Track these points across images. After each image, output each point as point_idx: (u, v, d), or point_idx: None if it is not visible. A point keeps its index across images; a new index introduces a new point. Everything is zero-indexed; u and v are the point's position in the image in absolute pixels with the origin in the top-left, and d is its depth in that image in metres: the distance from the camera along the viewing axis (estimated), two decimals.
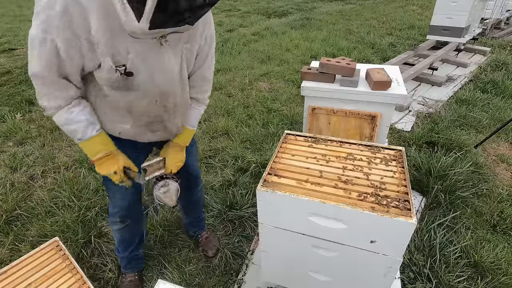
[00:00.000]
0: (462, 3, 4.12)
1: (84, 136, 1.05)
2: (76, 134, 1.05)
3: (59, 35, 0.85)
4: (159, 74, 1.01)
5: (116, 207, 1.41)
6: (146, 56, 0.95)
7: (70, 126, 1.03)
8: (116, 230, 1.51)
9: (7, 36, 7.26)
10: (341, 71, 1.56)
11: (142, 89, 1.02)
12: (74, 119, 1.02)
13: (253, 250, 1.88)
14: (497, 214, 2.04)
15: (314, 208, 1.05)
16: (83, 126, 1.04)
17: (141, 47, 0.93)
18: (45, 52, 0.87)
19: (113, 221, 1.47)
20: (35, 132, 3.20)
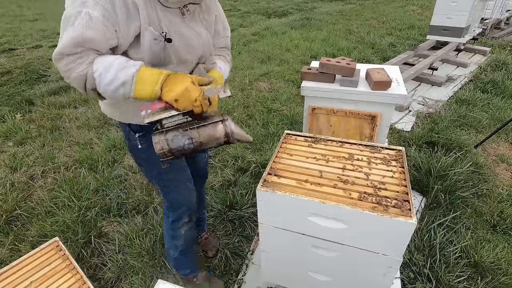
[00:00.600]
0: (462, 3, 4.12)
1: (129, 71, 0.88)
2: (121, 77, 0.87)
3: (96, 4, 0.83)
4: (193, 40, 1.03)
5: (183, 205, 1.35)
6: (175, 24, 0.98)
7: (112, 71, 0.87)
8: (182, 235, 1.44)
9: (7, 36, 7.27)
10: (341, 71, 1.56)
11: (176, 58, 1.02)
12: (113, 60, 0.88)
13: (253, 250, 1.88)
14: (497, 214, 2.04)
15: (314, 208, 1.05)
16: (125, 65, 0.89)
17: (170, 16, 0.96)
18: (79, 25, 0.83)
19: (180, 224, 1.41)
20: (35, 132, 3.20)
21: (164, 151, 0.95)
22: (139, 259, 1.80)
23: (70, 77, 0.88)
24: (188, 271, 1.59)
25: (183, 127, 0.97)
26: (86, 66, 0.86)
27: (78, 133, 3.13)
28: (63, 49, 0.85)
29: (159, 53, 0.97)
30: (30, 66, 5.03)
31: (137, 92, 0.89)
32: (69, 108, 3.69)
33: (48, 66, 5.04)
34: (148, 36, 0.92)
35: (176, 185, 1.30)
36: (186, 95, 0.89)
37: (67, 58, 0.86)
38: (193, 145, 0.97)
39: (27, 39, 6.90)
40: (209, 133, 0.97)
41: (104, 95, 0.91)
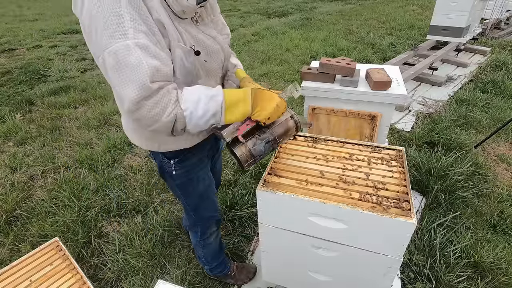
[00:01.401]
0: (462, 3, 4.12)
1: (219, 99, 0.85)
2: (212, 107, 0.84)
3: (137, 31, 0.74)
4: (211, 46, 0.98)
5: (210, 218, 1.40)
6: (194, 34, 0.92)
7: (201, 105, 0.83)
8: (212, 242, 1.50)
9: (7, 36, 7.27)
10: (341, 71, 1.56)
11: (203, 70, 0.97)
12: (198, 93, 0.84)
13: (253, 250, 1.88)
14: (497, 214, 2.04)
15: (314, 208, 1.05)
16: (211, 94, 0.86)
17: (188, 27, 0.90)
18: (137, 58, 0.73)
19: (209, 234, 1.46)
20: (35, 132, 3.20)
21: (250, 161, 0.99)
22: (139, 259, 1.80)
23: (157, 123, 0.81)
24: (221, 269, 1.65)
25: (259, 133, 1.00)
26: (174, 107, 0.80)
27: (78, 133, 3.13)
28: (138, 94, 0.74)
29: (192, 69, 0.91)
30: (30, 66, 5.03)
31: (228, 118, 0.87)
32: (69, 108, 3.69)
33: (48, 66, 5.04)
34: (179, 53, 0.85)
35: (204, 203, 1.33)
36: (277, 112, 0.92)
37: (147, 103, 0.77)
38: (272, 146, 1.01)
39: (27, 39, 6.90)
40: (283, 130, 1.02)
41: (191, 130, 0.87)
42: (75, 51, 6.10)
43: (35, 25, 8.34)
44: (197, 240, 1.49)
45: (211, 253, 1.56)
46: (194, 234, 1.48)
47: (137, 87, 0.74)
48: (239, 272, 1.68)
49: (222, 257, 1.63)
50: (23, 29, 7.88)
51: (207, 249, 1.52)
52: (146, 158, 2.72)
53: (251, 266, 1.74)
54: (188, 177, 1.19)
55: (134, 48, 0.73)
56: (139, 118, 0.80)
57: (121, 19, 0.72)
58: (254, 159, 0.99)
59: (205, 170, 1.25)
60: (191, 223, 1.43)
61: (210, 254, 1.56)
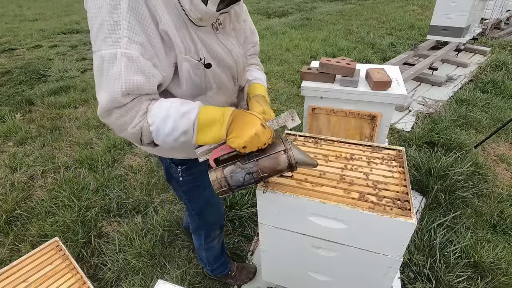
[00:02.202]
0: (462, 3, 4.12)
1: (191, 117, 0.78)
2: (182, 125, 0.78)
3: (131, 41, 0.71)
4: (225, 59, 0.92)
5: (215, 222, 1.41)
6: (209, 43, 0.86)
7: (170, 121, 0.77)
8: (216, 245, 1.52)
9: (7, 36, 7.27)
10: (341, 71, 1.56)
11: (216, 81, 0.92)
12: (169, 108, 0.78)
13: (253, 250, 1.88)
14: (497, 214, 2.04)
15: (314, 208, 1.05)
16: (183, 111, 0.78)
17: (204, 35, 0.84)
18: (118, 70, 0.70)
19: (213, 237, 1.47)
20: (35, 132, 3.20)
21: (224, 189, 0.89)
22: (139, 259, 1.80)
23: (124, 132, 0.79)
24: (222, 269, 1.65)
25: (242, 160, 0.87)
26: (140, 119, 0.76)
27: (78, 133, 3.13)
28: (109, 104, 0.73)
29: (200, 82, 0.87)
30: (30, 66, 5.03)
31: (200, 139, 0.80)
32: (69, 108, 3.69)
33: (48, 66, 5.04)
34: (186, 66, 0.81)
35: (210, 209, 1.34)
36: (255, 142, 0.79)
37: (117, 111, 0.75)
38: (253, 180, 0.88)
39: (27, 39, 6.90)
40: (271, 165, 0.88)
41: (162, 145, 0.83)
42: (75, 51, 6.10)
43: (35, 25, 8.35)
44: (200, 244, 1.49)
45: (213, 255, 1.56)
46: (198, 238, 1.48)
47: (108, 97, 0.73)
48: (239, 272, 1.69)
49: (224, 258, 1.63)
50: (23, 29, 7.88)
51: (210, 252, 1.53)
52: (146, 158, 2.72)
53: (251, 266, 1.74)
54: (195, 183, 1.19)
55: (120, 58, 0.70)
56: (109, 123, 0.78)
57: (117, 26, 0.69)
58: (230, 188, 0.88)
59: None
60: (195, 227, 1.43)
61: (213, 256, 1.56)
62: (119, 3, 0.69)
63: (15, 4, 12.47)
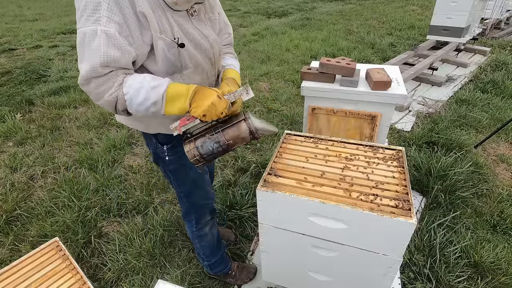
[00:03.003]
0: (462, 3, 4.12)
1: (160, 90, 0.89)
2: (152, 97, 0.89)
3: (110, 20, 0.81)
4: (201, 42, 1.02)
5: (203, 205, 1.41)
6: (185, 27, 0.97)
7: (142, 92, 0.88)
8: (208, 233, 1.51)
9: (7, 36, 7.27)
10: (341, 71, 1.56)
11: (192, 61, 1.01)
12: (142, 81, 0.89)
13: (253, 250, 1.88)
14: (497, 214, 2.04)
15: (314, 208, 1.05)
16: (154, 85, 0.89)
17: (180, 19, 0.95)
18: (99, 46, 0.82)
19: (203, 222, 1.46)
20: (35, 132, 3.20)
21: (197, 158, 1.01)
22: (139, 259, 1.80)
23: (100, 100, 0.89)
24: (222, 268, 1.65)
25: (210, 132, 1.01)
26: (116, 89, 0.87)
27: (78, 133, 3.13)
28: (89, 73, 0.84)
29: (174, 61, 0.96)
30: (30, 66, 5.03)
31: (168, 110, 0.92)
32: (69, 108, 3.69)
33: (48, 66, 5.04)
34: (161, 45, 0.91)
35: (197, 190, 1.35)
36: (212, 110, 0.92)
37: (95, 81, 0.86)
38: (221, 148, 1.01)
39: (27, 39, 6.90)
40: (234, 133, 1.00)
41: (135, 114, 0.94)
42: (75, 51, 6.08)
43: (35, 25, 8.35)
44: (192, 231, 1.49)
45: (208, 246, 1.55)
46: (189, 224, 1.48)
47: (89, 67, 0.83)
48: (240, 272, 1.69)
49: (221, 253, 1.62)
50: (23, 29, 7.88)
51: (203, 241, 1.52)
52: (146, 158, 2.72)
53: (252, 266, 1.74)
54: (181, 162, 1.21)
55: (100, 34, 0.81)
56: (87, 91, 0.89)
57: (99, 6, 0.80)
58: (202, 157, 1.01)
59: None
60: (185, 211, 1.44)
61: (208, 247, 1.55)
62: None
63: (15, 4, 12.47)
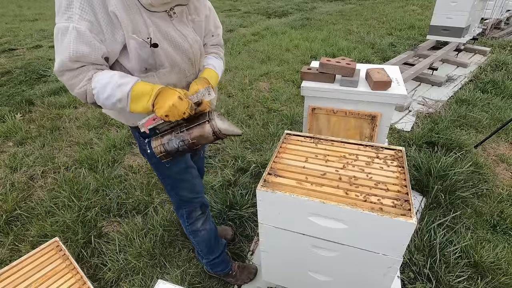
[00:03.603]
0: (462, 3, 4.12)
1: (125, 89, 0.95)
2: (117, 94, 0.94)
3: (81, 19, 0.86)
4: (181, 42, 1.05)
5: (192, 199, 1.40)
6: (163, 27, 1.00)
7: (108, 89, 0.93)
8: (200, 229, 1.50)
9: (7, 36, 7.27)
10: (341, 71, 1.56)
11: (169, 61, 1.04)
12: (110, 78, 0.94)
13: (253, 250, 1.88)
14: (497, 214, 2.04)
15: (314, 208, 1.05)
16: (120, 83, 0.95)
17: (157, 19, 0.98)
18: (69, 41, 0.87)
19: (194, 217, 1.46)
20: (35, 132, 3.20)
21: (163, 154, 1.07)
22: (139, 259, 1.80)
23: (73, 91, 0.96)
24: (223, 268, 1.65)
25: (176, 130, 1.07)
26: (85, 83, 0.93)
27: (78, 133, 3.13)
28: (61, 66, 0.91)
29: (147, 58, 1.00)
30: (30, 66, 5.03)
31: (133, 108, 0.98)
32: (69, 108, 3.69)
33: (48, 66, 5.04)
34: (133, 44, 0.94)
35: (182, 184, 1.35)
36: (174, 111, 0.97)
37: (68, 73, 0.93)
38: (186, 146, 1.06)
39: (27, 39, 6.90)
40: (198, 133, 1.05)
41: (104, 107, 1.00)
42: None
43: (35, 25, 8.35)
44: (185, 226, 1.50)
45: (204, 242, 1.54)
46: (181, 219, 1.49)
47: (59, 61, 0.90)
48: (240, 272, 1.69)
49: (220, 252, 1.61)
50: (23, 29, 7.88)
51: (198, 237, 1.52)
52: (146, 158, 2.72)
53: (252, 266, 1.74)
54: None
55: (71, 31, 0.86)
56: (62, 82, 0.96)
57: (71, 4, 0.86)
58: (168, 154, 1.07)
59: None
60: (176, 205, 1.45)
61: (204, 243, 1.54)
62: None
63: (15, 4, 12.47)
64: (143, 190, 2.32)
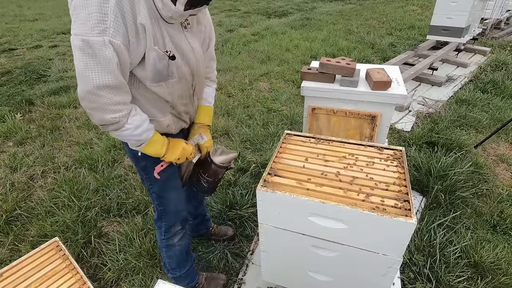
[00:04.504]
0: (462, 3, 4.12)
1: (149, 135, 1.07)
2: (143, 136, 1.05)
3: (116, 32, 0.84)
4: (189, 54, 1.07)
5: (175, 212, 1.38)
6: (177, 39, 1.01)
7: (139, 130, 1.03)
8: (176, 244, 1.46)
9: (7, 36, 7.27)
10: (341, 71, 1.56)
11: (178, 72, 1.06)
12: (142, 122, 1.03)
13: (253, 250, 1.88)
14: (497, 214, 2.04)
15: (314, 208, 1.05)
16: (148, 128, 1.06)
17: (173, 31, 0.99)
18: (108, 56, 0.85)
19: (173, 232, 1.43)
20: (35, 132, 3.20)
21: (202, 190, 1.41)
22: (139, 259, 1.80)
23: (95, 118, 0.96)
24: (188, 281, 1.59)
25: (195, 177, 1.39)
26: (122, 117, 0.97)
27: (78, 133, 3.13)
28: (98, 84, 0.88)
29: (162, 70, 1.00)
30: (30, 66, 5.03)
31: (144, 149, 1.10)
32: (69, 108, 3.69)
33: (48, 66, 5.04)
34: (153, 55, 0.95)
35: (168, 194, 1.32)
36: (184, 153, 1.19)
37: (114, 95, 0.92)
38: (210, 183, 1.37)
39: (27, 39, 6.90)
40: (211, 173, 1.34)
41: (118, 137, 1.06)
42: None
43: (35, 25, 8.35)
44: (160, 239, 1.45)
45: (175, 258, 1.49)
46: (158, 231, 1.44)
47: (95, 81, 0.87)
48: (207, 284, 1.63)
49: (188, 267, 1.55)
50: (23, 29, 7.88)
51: (171, 251, 1.47)
52: None
53: (221, 277, 1.67)
54: (153, 159, 1.19)
55: (108, 44, 0.84)
56: (83, 106, 0.95)
57: (106, 17, 0.82)
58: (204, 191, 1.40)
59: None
60: (157, 216, 1.41)
61: (174, 259, 1.49)
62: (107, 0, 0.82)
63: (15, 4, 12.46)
64: (143, 190, 2.32)
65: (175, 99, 1.12)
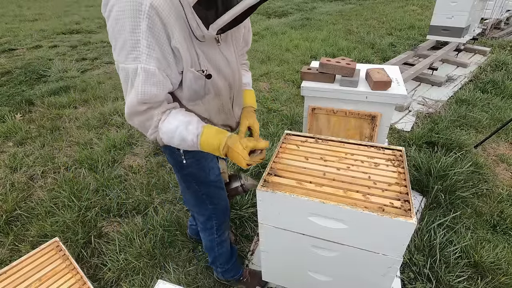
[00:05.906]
0: (462, 3, 4.12)
1: (199, 127, 0.99)
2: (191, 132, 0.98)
3: (149, 57, 0.84)
4: (224, 69, 1.05)
5: (227, 208, 1.42)
6: (211, 55, 0.99)
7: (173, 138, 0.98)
8: (227, 238, 1.50)
9: (7, 36, 7.27)
10: (341, 71, 1.56)
11: (214, 88, 1.05)
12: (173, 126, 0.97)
13: (253, 251, 1.88)
14: (497, 214, 2.04)
15: (314, 208, 1.05)
16: (196, 121, 0.99)
17: (206, 49, 0.97)
18: (139, 84, 0.86)
19: (224, 228, 1.46)
20: (35, 132, 3.20)
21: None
22: (139, 259, 1.80)
23: (146, 135, 1.00)
24: (234, 273, 1.63)
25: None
26: (153, 131, 0.97)
27: (78, 133, 3.13)
28: (131, 109, 0.92)
29: (199, 90, 1.01)
30: (30, 66, 5.03)
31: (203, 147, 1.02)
32: (69, 108, 3.69)
33: (48, 66, 5.04)
34: (190, 76, 0.95)
35: (218, 192, 1.35)
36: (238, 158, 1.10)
37: (137, 118, 0.95)
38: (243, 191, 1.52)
39: (27, 39, 6.90)
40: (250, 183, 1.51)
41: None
42: (75, 51, 6.11)
43: (35, 25, 8.34)
44: (212, 239, 1.46)
45: (226, 253, 1.54)
46: (209, 232, 1.45)
47: (129, 105, 0.91)
48: (252, 278, 1.66)
49: (235, 259, 1.61)
50: (23, 29, 7.88)
51: (223, 247, 1.50)
52: (146, 158, 2.72)
53: (258, 273, 1.69)
54: (199, 166, 1.22)
55: (141, 73, 0.85)
56: (135, 127, 1.00)
57: (138, 44, 0.82)
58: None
59: (214, 160, 1.29)
60: (206, 217, 1.40)
61: (225, 254, 1.54)
62: (139, 24, 0.80)
63: (15, 4, 12.47)
64: (143, 190, 2.32)
65: (212, 115, 1.12)
